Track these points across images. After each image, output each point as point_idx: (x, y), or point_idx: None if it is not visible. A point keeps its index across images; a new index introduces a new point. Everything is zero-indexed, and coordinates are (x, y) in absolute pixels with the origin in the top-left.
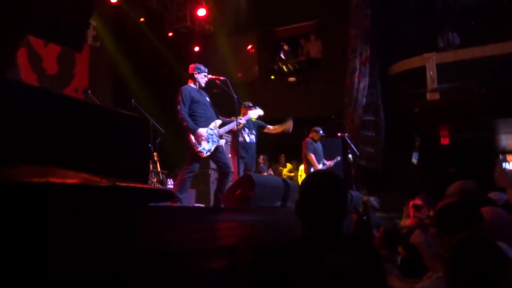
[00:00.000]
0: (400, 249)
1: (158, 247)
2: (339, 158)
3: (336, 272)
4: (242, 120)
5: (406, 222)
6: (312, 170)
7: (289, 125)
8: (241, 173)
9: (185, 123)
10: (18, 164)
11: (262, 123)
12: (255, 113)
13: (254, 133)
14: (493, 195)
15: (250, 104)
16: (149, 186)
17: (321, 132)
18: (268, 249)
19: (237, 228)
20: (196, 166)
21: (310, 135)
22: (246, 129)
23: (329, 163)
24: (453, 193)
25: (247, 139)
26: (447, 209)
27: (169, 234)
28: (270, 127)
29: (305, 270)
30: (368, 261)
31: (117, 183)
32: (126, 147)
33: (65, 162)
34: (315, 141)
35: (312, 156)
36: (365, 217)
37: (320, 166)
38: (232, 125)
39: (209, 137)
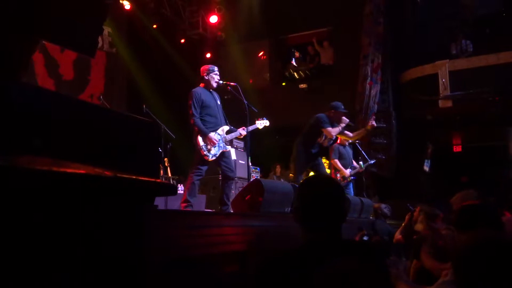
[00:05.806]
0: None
1: (166, 251)
2: (371, 162)
3: (340, 276)
4: (244, 131)
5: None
6: (338, 176)
7: None
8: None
9: (197, 128)
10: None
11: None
12: (262, 123)
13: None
14: None
15: (342, 107)
16: (152, 179)
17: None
18: (274, 255)
19: (247, 233)
20: (204, 169)
21: (338, 140)
22: None
23: (358, 166)
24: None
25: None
26: (468, 209)
27: (179, 238)
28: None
29: (311, 275)
30: (372, 265)
31: (119, 175)
32: (136, 148)
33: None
34: (344, 146)
35: (337, 161)
36: (366, 238)
37: (348, 171)
38: (237, 134)
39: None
